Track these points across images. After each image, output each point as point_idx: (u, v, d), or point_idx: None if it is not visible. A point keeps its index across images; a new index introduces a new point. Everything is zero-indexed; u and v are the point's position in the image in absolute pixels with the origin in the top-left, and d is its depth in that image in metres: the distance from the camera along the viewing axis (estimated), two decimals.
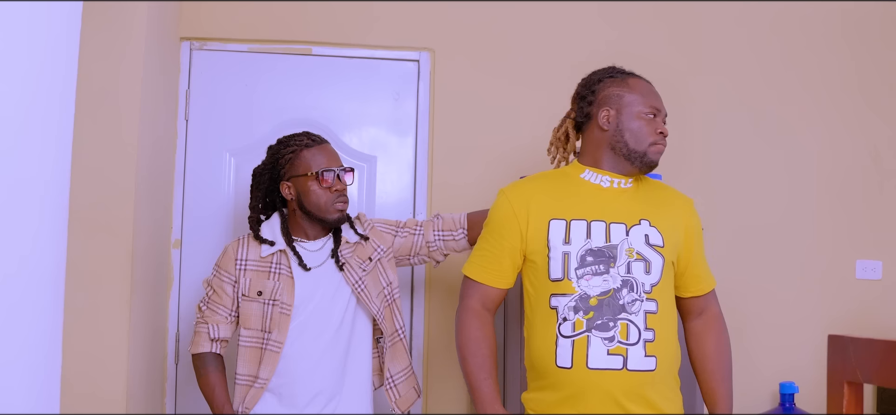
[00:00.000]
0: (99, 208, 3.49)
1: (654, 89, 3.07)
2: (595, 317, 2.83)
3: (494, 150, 4.32)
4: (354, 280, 3.39)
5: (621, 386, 2.84)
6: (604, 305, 2.84)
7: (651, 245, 2.92)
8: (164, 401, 4.13)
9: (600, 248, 2.88)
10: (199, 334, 3.41)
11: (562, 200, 2.98)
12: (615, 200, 2.98)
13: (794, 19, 4.54)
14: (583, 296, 2.85)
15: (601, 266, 2.86)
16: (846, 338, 1.68)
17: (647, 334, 2.85)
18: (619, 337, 2.83)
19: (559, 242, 2.90)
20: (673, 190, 3.17)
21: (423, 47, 4.34)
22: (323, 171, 3.37)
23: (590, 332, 2.83)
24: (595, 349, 2.82)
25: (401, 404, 3.51)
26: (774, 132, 4.48)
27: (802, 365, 4.33)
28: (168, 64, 4.05)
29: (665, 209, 3.04)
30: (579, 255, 2.87)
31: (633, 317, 2.85)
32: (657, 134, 2.98)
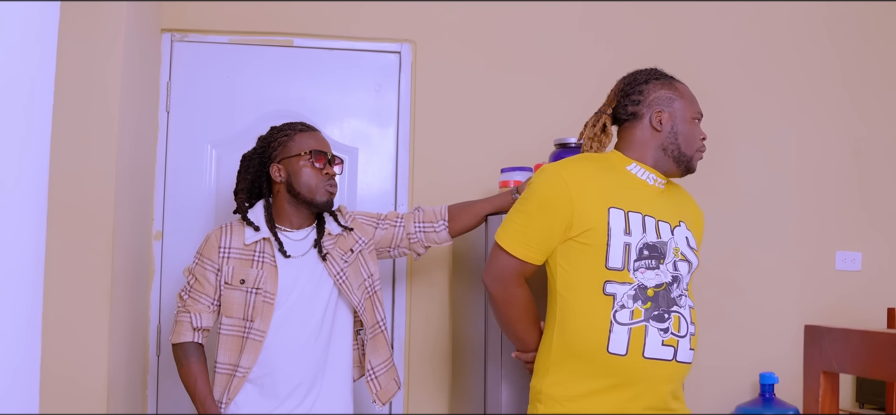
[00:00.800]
0: (79, 200, 3.47)
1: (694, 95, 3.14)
2: (652, 307, 2.85)
3: (476, 141, 4.33)
4: (336, 271, 3.39)
5: (668, 376, 2.87)
6: (660, 297, 2.87)
7: (691, 248, 3.00)
8: (145, 393, 4.12)
9: (654, 243, 2.90)
10: (180, 323, 3.39)
11: (615, 189, 2.96)
12: (658, 198, 3.01)
13: (776, 14, 4.56)
14: (641, 286, 2.86)
15: (653, 261, 2.88)
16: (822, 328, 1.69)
17: (692, 327, 2.92)
18: (672, 329, 2.86)
19: (620, 231, 2.87)
20: (691, 197, 3.24)
21: (405, 39, 4.34)
22: (316, 152, 3.38)
23: (647, 322, 2.84)
24: (652, 339, 2.84)
25: (381, 396, 3.51)
26: (755, 125, 4.50)
27: (782, 356, 4.36)
28: (149, 55, 4.03)
29: (692, 215, 3.13)
30: (638, 247, 2.88)
31: (682, 310, 2.90)
32: (701, 141, 3.05)
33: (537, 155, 4.01)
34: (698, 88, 4.45)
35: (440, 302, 4.28)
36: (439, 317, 4.28)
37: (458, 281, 4.13)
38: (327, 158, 3.41)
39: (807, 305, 4.47)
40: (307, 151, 3.38)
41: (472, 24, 4.38)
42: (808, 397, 1.71)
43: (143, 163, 4.00)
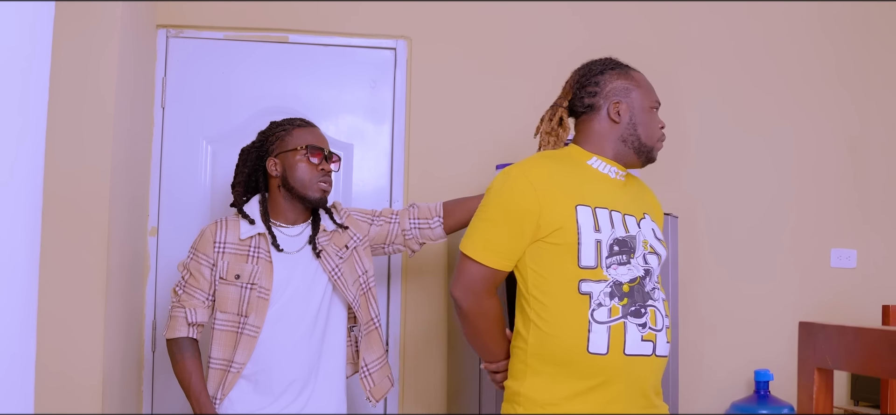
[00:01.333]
0: (74, 197, 3.47)
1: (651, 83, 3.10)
2: (629, 303, 2.80)
3: (471, 138, 4.33)
4: (331, 267, 3.39)
5: (650, 371, 2.83)
6: (635, 292, 2.82)
7: (658, 239, 2.96)
8: (141, 389, 4.12)
9: (624, 238, 2.84)
10: (175, 319, 3.38)
11: (579, 186, 2.90)
12: (621, 191, 2.96)
13: (772, 10, 4.56)
14: (616, 283, 2.80)
15: (624, 256, 2.83)
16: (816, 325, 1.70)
17: (666, 320, 2.89)
18: (650, 323, 2.83)
19: (590, 228, 2.81)
20: (649, 188, 3.20)
21: (400, 35, 4.34)
22: (312, 147, 3.38)
23: (625, 318, 2.79)
24: (631, 335, 2.79)
25: (375, 393, 3.51)
26: (751, 122, 4.51)
27: (777, 353, 4.36)
28: (144, 52, 4.03)
29: (653, 207, 3.09)
30: (608, 243, 2.82)
31: (657, 304, 2.86)
32: (660, 129, 3.01)
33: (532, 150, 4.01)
34: (694, 86, 4.47)
35: (435, 300, 4.28)
36: (434, 315, 4.28)
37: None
38: (324, 153, 3.41)
39: (802, 303, 4.47)
40: (303, 145, 3.38)
41: (468, 20, 4.38)
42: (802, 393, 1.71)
43: (139, 159, 4.00)
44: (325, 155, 3.43)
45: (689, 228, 4.32)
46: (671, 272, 3.74)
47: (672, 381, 3.63)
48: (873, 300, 4.40)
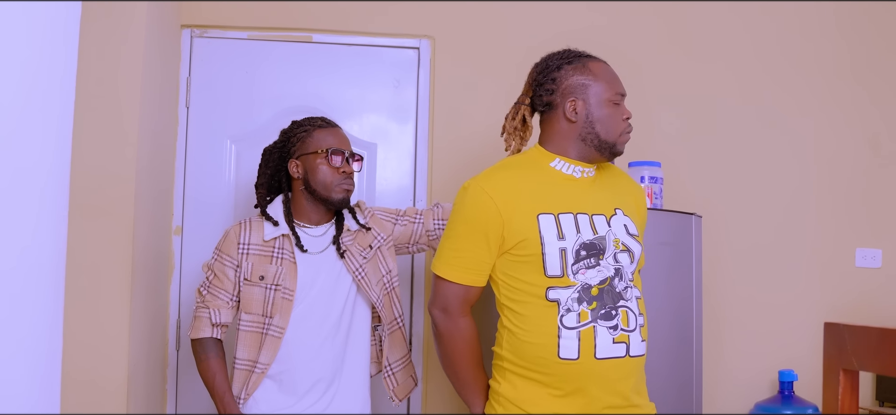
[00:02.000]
0: (99, 196, 3.49)
1: (614, 72, 3.00)
2: (598, 307, 2.78)
3: (494, 137, 4.32)
4: (355, 267, 3.40)
5: (625, 373, 2.81)
6: (604, 295, 2.80)
7: (631, 235, 2.91)
8: (165, 388, 4.14)
9: (592, 241, 2.82)
10: (199, 319, 3.40)
11: (542, 193, 2.89)
12: (589, 190, 2.93)
13: (793, 7, 4.54)
14: (584, 287, 2.79)
15: (593, 259, 2.81)
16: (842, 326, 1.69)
17: (640, 318, 2.86)
18: (621, 325, 2.80)
19: (553, 238, 2.80)
20: (626, 175, 3.14)
21: (424, 35, 4.34)
22: (333, 150, 3.38)
23: (595, 322, 2.78)
24: (602, 339, 2.78)
25: (398, 393, 3.51)
26: (774, 120, 4.49)
27: (801, 353, 4.34)
28: (169, 52, 4.05)
29: (629, 197, 3.04)
30: (574, 250, 2.80)
31: (629, 303, 2.84)
32: (624, 121, 2.92)
33: None
34: (715, 86, 4.45)
35: None
36: None
37: None
38: (345, 155, 3.41)
39: (827, 303, 4.45)
40: (325, 148, 3.39)
41: (491, 20, 4.38)
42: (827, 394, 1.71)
43: (163, 158, 4.02)
44: (347, 156, 3.43)
45: (712, 228, 4.31)
46: (694, 272, 3.74)
47: (696, 381, 3.62)
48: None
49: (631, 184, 3.10)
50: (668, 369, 3.66)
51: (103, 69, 3.51)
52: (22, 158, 1.56)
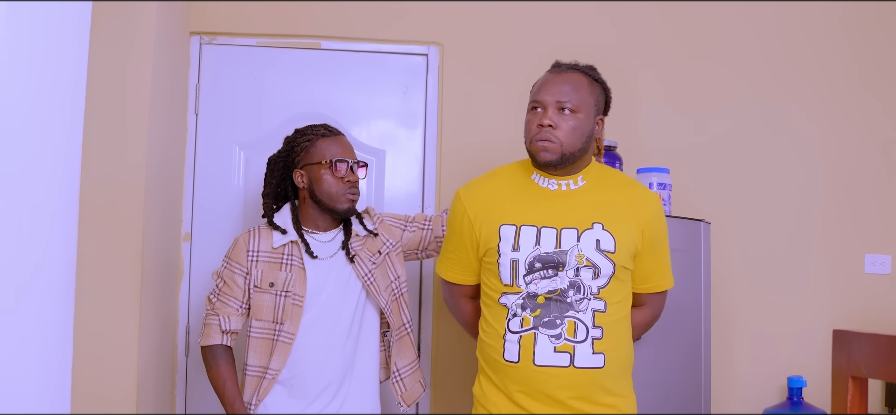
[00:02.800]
0: (109, 203, 3.50)
1: (538, 83, 3.07)
2: (542, 314, 2.86)
3: (503, 144, 4.32)
4: (364, 273, 3.40)
5: (567, 384, 2.86)
6: (551, 303, 2.87)
7: (602, 251, 2.90)
8: (174, 394, 4.15)
9: (549, 254, 2.89)
10: (209, 326, 3.41)
11: (514, 203, 3.00)
12: (565, 203, 2.97)
13: (802, 13, 4.53)
14: (530, 294, 2.88)
15: (549, 271, 2.88)
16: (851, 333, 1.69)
17: (594, 331, 2.87)
18: (566, 334, 2.85)
19: (508, 248, 2.93)
20: (636, 187, 3.12)
21: (432, 41, 4.35)
22: (337, 160, 3.38)
23: (537, 329, 2.87)
24: (542, 346, 2.86)
25: (407, 398, 3.52)
26: (783, 126, 4.48)
27: (811, 360, 4.33)
28: (178, 58, 4.06)
29: (620, 211, 2.99)
30: (527, 262, 2.90)
31: (580, 315, 2.86)
32: (536, 128, 2.95)
33: None
34: (722, 90, 4.45)
35: None
36: None
37: None
38: (349, 164, 3.42)
39: (836, 309, 4.44)
40: (328, 159, 3.39)
41: (500, 26, 4.38)
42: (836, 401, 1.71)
43: (172, 165, 4.02)
44: (351, 165, 3.43)
45: (721, 234, 4.30)
46: (703, 278, 3.73)
47: (705, 387, 3.62)
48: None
49: (635, 197, 3.06)
50: (677, 375, 3.65)
51: (113, 76, 3.52)
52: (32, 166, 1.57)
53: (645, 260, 3.03)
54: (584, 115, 2.96)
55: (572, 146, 2.93)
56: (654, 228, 3.02)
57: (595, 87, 3.04)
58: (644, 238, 2.99)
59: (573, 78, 3.01)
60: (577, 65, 3.08)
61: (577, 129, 2.94)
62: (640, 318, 3.15)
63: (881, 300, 4.46)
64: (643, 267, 3.04)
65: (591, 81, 3.03)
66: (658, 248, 3.06)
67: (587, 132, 2.97)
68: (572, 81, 2.99)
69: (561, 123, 2.93)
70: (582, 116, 2.95)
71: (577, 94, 2.96)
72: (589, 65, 3.11)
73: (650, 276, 3.08)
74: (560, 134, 2.92)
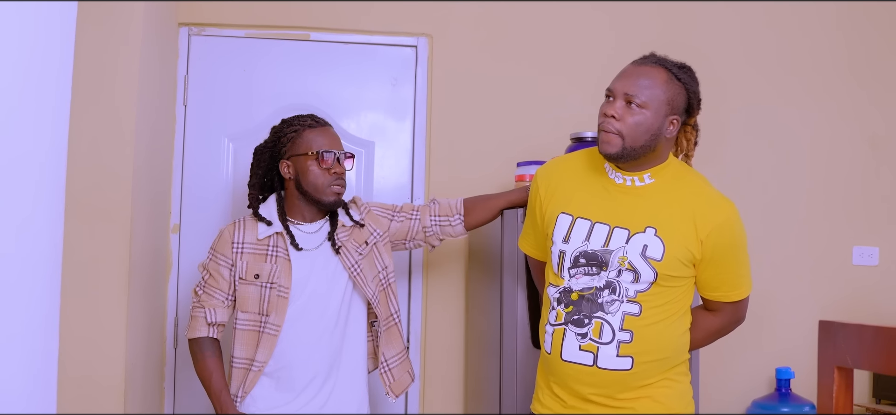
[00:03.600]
0: (96, 194, 3.49)
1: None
2: (573, 311, 2.87)
3: (492, 135, 4.33)
4: (351, 264, 3.40)
5: (591, 382, 2.87)
6: (583, 301, 2.85)
7: (646, 257, 2.82)
8: (163, 386, 4.15)
9: (595, 252, 2.85)
10: (195, 319, 3.41)
11: (578, 192, 2.97)
12: (627, 200, 2.91)
13: (791, 5, 4.54)
14: (566, 290, 2.88)
15: (593, 268, 2.86)
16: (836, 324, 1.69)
17: (622, 334, 2.83)
18: (592, 335, 2.84)
19: (560, 238, 2.92)
20: (707, 195, 2.97)
21: (421, 33, 4.34)
22: (323, 151, 3.38)
23: (567, 325, 2.88)
24: (569, 342, 2.87)
25: (395, 388, 3.52)
26: (771, 118, 4.49)
27: (799, 351, 4.34)
28: (166, 50, 4.05)
29: (681, 217, 2.88)
30: (573, 255, 2.88)
31: (609, 317, 2.83)
32: (602, 116, 2.87)
33: (553, 148, 4.00)
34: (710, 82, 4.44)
35: (457, 295, 4.29)
36: (455, 310, 4.28)
37: (474, 275, 4.14)
38: (336, 156, 3.41)
39: (824, 301, 4.45)
40: (315, 150, 3.38)
41: (489, 17, 4.38)
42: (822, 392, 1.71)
43: (161, 157, 4.02)
44: (338, 157, 3.42)
45: None
46: None
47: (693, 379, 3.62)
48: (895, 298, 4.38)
49: (702, 205, 2.92)
50: None
51: (100, 67, 3.51)
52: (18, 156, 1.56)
53: (709, 270, 2.93)
54: (652, 112, 2.84)
55: (634, 141, 2.82)
56: (719, 239, 2.90)
57: (673, 85, 2.90)
58: (704, 248, 2.87)
59: (651, 72, 2.89)
60: (663, 60, 2.96)
61: (642, 125, 2.83)
62: (711, 324, 3.07)
63: (869, 292, 4.47)
64: (708, 277, 2.95)
65: (670, 79, 2.90)
66: (725, 259, 2.95)
67: (653, 130, 2.84)
68: (648, 75, 2.88)
69: (626, 116, 2.83)
70: (649, 113, 2.83)
71: (649, 90, 2.84)
72: (680, 63, 2.99)
73: (719, 286, 2.99)
74: (623, 127, 2.83)
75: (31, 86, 1.61)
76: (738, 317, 3.11)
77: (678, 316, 2.93)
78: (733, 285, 3.01)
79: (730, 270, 2.98)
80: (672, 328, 2.92)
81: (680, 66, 2.96)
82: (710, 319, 3.07)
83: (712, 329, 3.09)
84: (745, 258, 3.03)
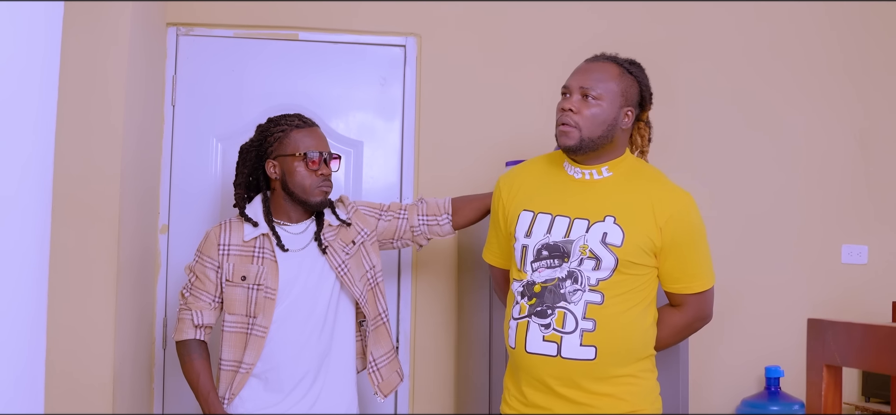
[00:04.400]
0: (84, 194, 3.47)
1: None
2: (536, 303, 2.90)
3: (480, 135, 4.33)
4: (338, 263, 3.39)
5: (555, 372, 2.90)
6: (546, 293, 2.90)
7: (606, 244, 2.88)
8: (151, 386, 4.13)
9: (556, 243, 2.92)
10: (182, 321, 3.40)
11: (538, 190, 3.06)
12: (586, 193, 2.99)
13: (782, 4, 4.54)
14: (529, 283, 2.94)
15: (555, 260, 2.91)
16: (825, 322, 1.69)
17: (585, 323, 2.87)
18: (555, 325, 2.88)
19: (522, 234, 2.99)
20: (664, 185, 3.04)
21: (410, 32, 4.34)
22: (310, 152, 3.36)
23: (530, 317, 2.91)
24: (533, 334, 2.91)
25: (383, 388, 3.51)
26: (761, 117, 4.50)
27: (788, 349, 4.35)
28: (154, 50, 4.04)
29: (639, 207, 2.96)
30: (535, 249, 2.94)
31: (571, 306, 2.87)
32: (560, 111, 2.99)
33: (541, 147, 4.00)
34: (702, 82, 4.46)
35: (446, 295, 4.28)
36: (445, 310, 4.28)
37: (463, 274, 4.13)
38: (322, 157, 3.40)
39: (813, 299, 4.46)
40: (301, 151, 3.37)
41: (477, 17, 4.37)
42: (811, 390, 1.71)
43: (149, 157, 4.00)
44: (325, 157, 3.41)
45: None
46: None
47: (682, 377, 3.62)
48: (885, 296, 4.39)
49: (659, 195, 2.99)
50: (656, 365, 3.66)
51: (87, 68, 3.49)
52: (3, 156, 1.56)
53: (670, 260, 2.98)
54: (607, 103, 2.95)
55: (591, 132, 2.94)
56: (677, 227, 2.96)
57: (626, 78, 3.02)
58: (664, 236, 2.93)
59: (603, 67, 3.02)
60: (615, 56, 3.08)
61: (598, 116, 2.94)
62: (677, 320, 3.09)
63: (858, 290, 4.48)
64: (669, 267, 3.00)
65: (622, 72, 3.02)
66: (685, 248, 3.00)
67: (609, 121, 2.95)
68: (601, 70, 3.01)
69: (582, 109, 2.94)
70: (605, 105, 2.95)
71: (603, 83, 2.97)
72: (630, 59, 3.10)
73: (680, 277, 3.03)
74: (580, 119, 2.93)
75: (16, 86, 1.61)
76: (704, 312, 3.14)
77: (642, 308, 2.98)
78: (694, 276, 3.05)
79: (690, 259, 3.03)
80: (636, 321, 2.96)
81: (630, 62, 3.10)
82: (676, 315, 3.10)
83: (679, 325, 3.11)
84: (705, 249, 3.09)
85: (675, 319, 3.09)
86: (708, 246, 3.09)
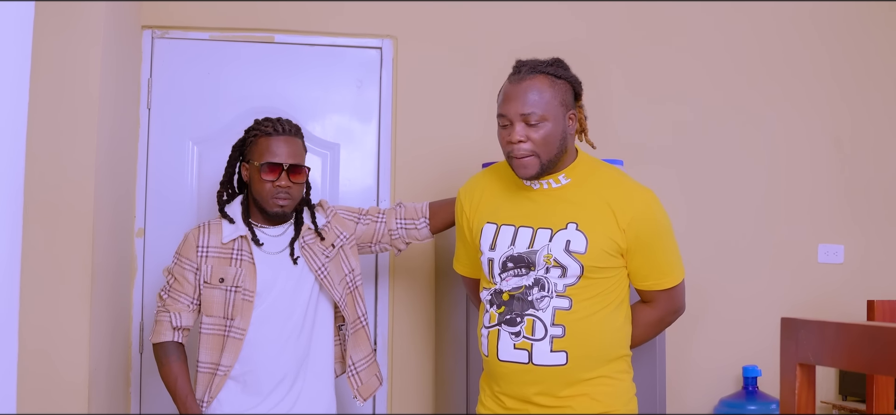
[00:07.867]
0: (57, 198, 3.44)
1: (508, 94, 2.96)
2: (505, 311, 2.90)
3: (457, 137, 4.33)
4: (318, 267, 3.38)
5: (528, 380, 2.89)
6: (514, 301, 2.89)
7: (570, 252, 2.85)
8: (128, 391, 4.11)
9: (521, 254, 2.90)
10: (160, 323, 3.38)
11: (500, 202, 3.04)
12: (546, 202, 2.95)
13: (761, 8, 4.56)
14: (497, 291, 2.93)
15: (522, 269, 2.89)
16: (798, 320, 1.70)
17: (554, 330, 2.85)
18: (524, 332, 2.87)
19: (487, 247, 2.98)
20: (622, 185, 2.99)
21: (386, 34, 4.33)
22: (267, 161, 3.34)
23: (500, 326, 2.90)
24: (504, 342, 2.90)
25: (362, 392, 3.51)
26: (737, 117, 4.51)
27: (765, 349, 4.36)
28: (129, 53, 4.02)
29: (600, 210, 2.91)
30: (501, 260, 2.93)
31: (540, 313, 2.85)
32: (508, 144, 2.89)
33: None
34: (682, 83, 4.47)
35: (424, 298, 4.28)
36: (423, 313, 4.28)
37: (441, 278, 4.13)
38: (283, 168, 3.36)
39: (790, 298, 4.48)
40: (263, 160, 3.34)
41: (454, 19, 4.37)
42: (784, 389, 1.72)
43: (124, 160, 3.98)
44: (286, 169, 3.35)
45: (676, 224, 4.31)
46: None
47: (660, 377, 3.63)
48: (861, 296, 4.41)
49: (619, 196, 2.94)
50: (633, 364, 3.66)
51: (60, 70, 3.46)
52: None
53: (637, 259, 2.95)
54: (553, 121, 2.86)
55: (549, 154, 2.86)
56: (640, 227, 2.92)
57: (558, 85, 2.92)
58: (628, 237, 2.90)
59: (534, 84, 2.89)
60: (537, 65, 2.95)
61: (549, 136, 2.85)
62: (649, 316, 3.07)
63: (834, 290, 4.51)
64: (637, 266, 2.97)
65: (553, 81, 2.91)
66: (651, 246, 2.97)
67: (559, 135, 2.87)
68: (533, 89, 2.88)
69: (532, 135, 2.84)
70: (550, 124, 2.85)
71: (542, 103, 2.86)
72: (552, 60, 3.00)
73: (649, 274, 3.01)
74: (534, 146, 2.85)
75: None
76: (676, 306, 3.12)
77: (612, 308, 2.94)
78: (663, 272, 3.03)
79: (657, 256, 3.01)
80: (607, 322, 2.92)
81: (551, 63, 2.99)
82: (648, 311, 3.08)
83: (651, 321, 3.09)
84: (672, 244, 3.06)
85: (647, 315, 3.08)
86: (674, 240, 3.07)
